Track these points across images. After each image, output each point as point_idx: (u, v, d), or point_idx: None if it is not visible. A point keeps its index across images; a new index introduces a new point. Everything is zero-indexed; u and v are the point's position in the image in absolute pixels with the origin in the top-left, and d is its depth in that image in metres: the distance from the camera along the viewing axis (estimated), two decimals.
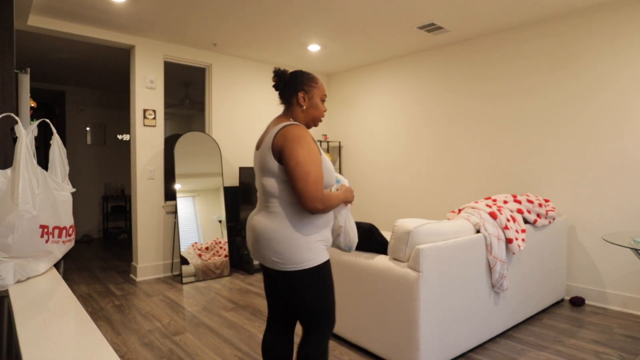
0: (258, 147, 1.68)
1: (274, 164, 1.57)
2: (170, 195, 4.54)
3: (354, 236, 1.78)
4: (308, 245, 1.56)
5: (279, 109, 5.38)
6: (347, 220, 1.76)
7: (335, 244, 1.79)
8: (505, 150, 4.00)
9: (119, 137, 7.16)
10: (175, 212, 4.47)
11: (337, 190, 1.67)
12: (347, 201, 1.70)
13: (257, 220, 1.63)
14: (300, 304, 1.60)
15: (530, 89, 3.81)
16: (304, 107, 1.69)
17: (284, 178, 1.57)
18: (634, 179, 3.24)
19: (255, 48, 4.63)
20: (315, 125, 1.75)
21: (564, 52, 3.58)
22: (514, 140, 3.94)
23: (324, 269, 1.61)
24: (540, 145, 3.75)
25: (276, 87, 1.72)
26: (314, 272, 1.57)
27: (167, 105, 6.93)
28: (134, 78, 4.28)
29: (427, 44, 4.47)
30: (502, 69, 4.00)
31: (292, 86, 1.69)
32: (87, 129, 6.81)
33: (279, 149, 1.55)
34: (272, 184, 1.58)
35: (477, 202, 2.93)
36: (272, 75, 1.97)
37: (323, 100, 1.74)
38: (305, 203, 1.49)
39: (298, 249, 1.54)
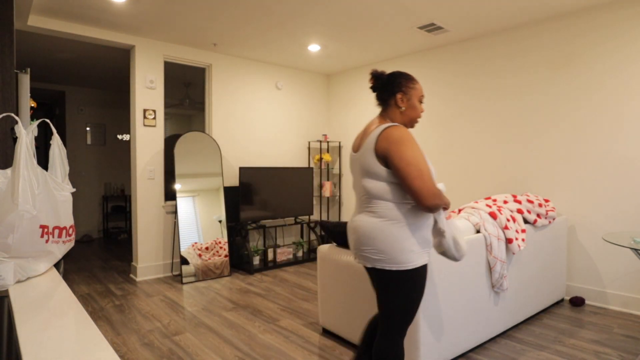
0: (356, 149, 1.71)
1: (378, 167, 1.58)
2: (170, 195, 4.54)
3: (464, 245, 1.75)
4: (411, 247, 1.57)
5: (279, 109, 5.39)
6: (451, 227, 1.73)
7: (445, 252, 1.76)
8: (505, 150, 4.00)
9: (119, 137, 7.16)
10: (175, 212, 4.47)
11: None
12: (446, 204, 1.63)
13: (359, 220, 1.65)
14: (388, 302, 1.62)
15: (530, 88, 3.81)
16: (403, 108, 1.70)
17: (391, 180, 1.58)
18: (634, 179, 3.24)
19: (255, 48, 4.63)
20: (412, 126, 1.75)
21: (563, 51, 3.58)
22: (513, 140, 3.94)
23: (422, 271, 1.62)
24: (540, 144, 3.75)
25: (373, 88, 1.74)
26: (412, 274, 1.59)
27: (167, 105, 6.93)
28: (134, 78, 4.28)
29: (427, 44, 4.47)
30: (502, 69, 4.00)
31: (390, 87, 1.70)
32: (87, 129, 6.81)
33: (383, 153, 1.56)
34: (376, 186, 1.60)
35: (477, 202, 2.93)
36: (271, 75, 1.99)
37: (421, 101, 1.74)
38: (424, 200, 1.50)
39: (402, 250, 1.56)
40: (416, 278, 1.61)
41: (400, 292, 1.60)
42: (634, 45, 3.21)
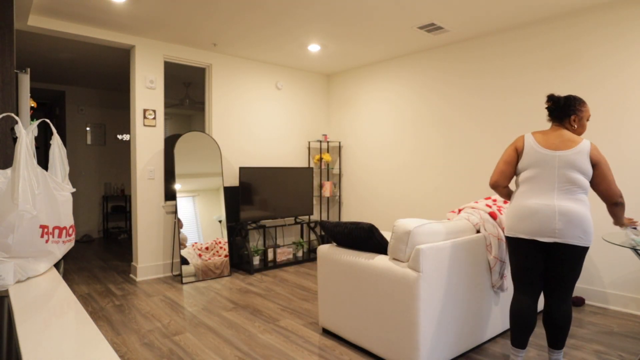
0: (556, 148, 2.11)
1: (589, 168, 2.06)
2: (170, 195, 4.54)
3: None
4: (593, 230, 2.07)
5: (279, 109, 5.39)
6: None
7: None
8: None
9: (119, 137, 7.16)
10: (175, 212, 4.47)
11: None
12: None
13: (568, 205, 2.06)
14: (573, 273, 2.08)
15: (530, 88, 3.81)
16: (575, 126, 2.17)
17: (588, 179, 2.09)
18: (634, 179, 3.24)
19: (255, 48, 4.63)
20: None
21: (563, 51, 3.58)
22: (514, 140, 3.93)
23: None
24: None
25: (550, 110, 2.20)
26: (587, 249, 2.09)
27: (167, 105, 6.94)
28: (134, 78, 4.28)
29: (427, 44, 4.47)
30: (502, 69, 4.00)
31: (566, 110, 2.16)
32: (87, 129, 6.82)
33: (596, 160, 2.07)
34: (582, 180, 2.06)
35: (477, 202, 2.93)
36: (271, 75, 2.29)
37: (588, 120, 2.21)
38: (614, 199, 2.09)
39: (592, 231, 2.05)
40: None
41: (581, 264, 2.11)
42: (634, 46, 3.21)
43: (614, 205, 2.09)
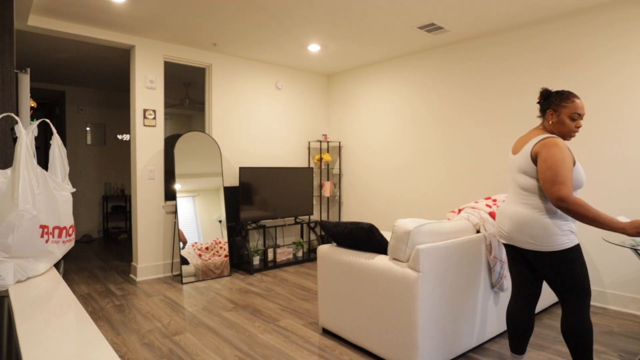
0: (515, 151, 2.06)
1: (531, 167, 1.94)
2: (170, 195, 4.54)
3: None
4: (557, 231, 1.89)
5: (279, 109, 5.39)
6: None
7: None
8: (506, 150, 4.00)
9: (119, 137, 7.16)
10: (175, 212, 4.47)
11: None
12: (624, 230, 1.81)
13: (513, 210, 2.02)
14: (556, 280, 1.93)
15: (530, 88, 3.81)
16: (550, 122, 2.02)
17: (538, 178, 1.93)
18: (633, 178, 3.24)
19: (255, 48, 4.63)
20: (566, 139, 2.02)
21: (563, 50, 3.58)
22: (514, 140, 3.93)
23: (575, 250, 1.91)
24: None
25: (538, 103, 2.09)
26: (566, 253, 1.90)
27: (167, 105, 6.94)
28: (134, 78, 4.28)
29: (427, 44, 4.47)
30: (502, 69, 4.00)
31: (543, 105, 2.06)
32: (87, 129, 6.82)
33: (535, 155, 1.93)
34: (527, 181, 1.97)
35: (477, 202, 2.93)
36: (271, 75, 2.24)
37: (573, 119, 1.97)
38: (551, 200, 1.84)
39: (549, 234, 1.89)
40: (570, 256, 1.93)
41: (561, 269, 1.94)
42: (634, 46, 3.21)
43: (559, 209, 1.84)
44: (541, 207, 1.92)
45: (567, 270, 1.90)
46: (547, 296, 3.26)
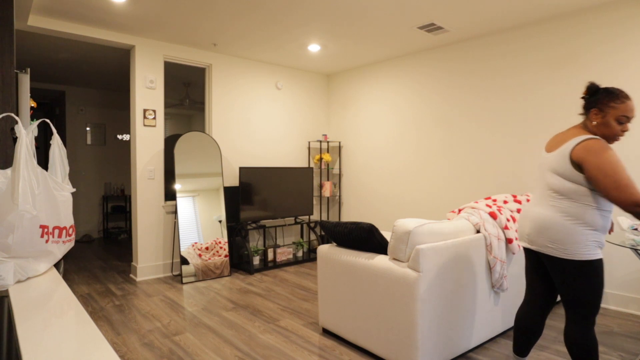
0: (550, 150, 1.91)
1: (568, 169, 1.79)
2: (170, 195, 4.54)
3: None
4: (585, 242, 1.77)
5: (279, 108, 5.39)
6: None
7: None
8: (505, 149, 4.00)
9: (119, 137, 7.16)
10: (175, 212, 4.47)
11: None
12: None
13: (537, 212, 1.90)
14: (568, 290, 1.83)
15: (530, 88, 3.81)
16: (593, 123, 1.83)
17: (581, 183, 1.77)
18: (633, 178, 3.24)
19: (255, 48, 4.63)
20: (609, 142, 1.84)
21: (563, 50, 3.58)
22: (513, 140, 3.94)
23: (595, 265, 1.78)
24: (540, 144, 3.75)
25: (583, 99, 1.91)
26: (585, 265, 1.77)
27: (167, 105, 6.94)
28: (134, 78, 4.28)
29: (427, 44, 4.47)
30: (502, 69, 4.00)
31: (588, 102, 1.86)
32: (87, 129, 6.82)
33: (579, 159, 1.75)
34: (561, 183, 1.82)
35: (477, 202, 2.93)
36: (271, 75, 2.14)
37: (620, 122, 1.79)
38: (621, 207, 1.67)
39: (574, 242, 1.77)
40: (589, 269, 1.80)
41: (576, 280, 1.83)
42: (634, 46, 3.21)
43: (632, 214, 1.69)
44: (570, 211, 1.79)
45: (582, 283, 1.78)
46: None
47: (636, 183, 1.68)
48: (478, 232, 2.65)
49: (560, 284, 1.86)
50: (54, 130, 1.54)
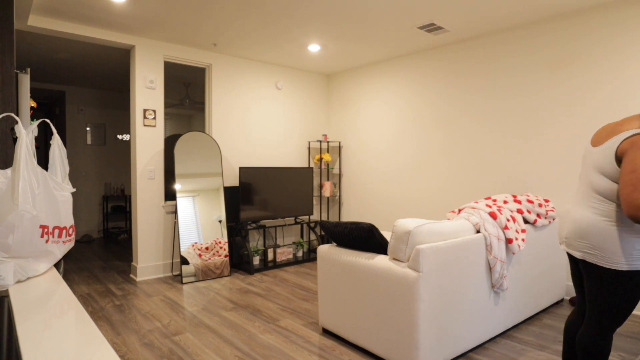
0: (596, 143, 1.69)
1: (613, 167, 1.57)
2: (170, 195, 4.54)
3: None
4: (630, 251, 1.58)
5: (279, 109, 5.39)
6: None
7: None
8: (505, 149, 4.00)
9: (119, 137, 7.16)
10: (175, 212, 4.47)
11: None
12: None
13: (579, 213, 1.71)
14: (597, 299, 1.68)
15: (530, 88, 3.81)
16: None
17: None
18: None
19: (255, 48, 4.63)
20: None
21: (564, 51, 3.58)
22: (513, 140, 3.94)
23: (637, 276, 1.61)
24: (540, 144, 3.75)
25: None
26: (625, 276, 1.60)
27: (167, 105, 6.94)
28: (134, 78, 4.28)
29: (427, 44, 4.47)
30: (502, 69, 4.00)
31: None
32: (87, 129, 6.82)
33: (621, 154, 1.54)
34: (605, 184, 1.61)
35: (477, 202, 2.93)
36: (271, 75, 2.01)
37: None
38: (625, 209, 1.48)
39: (618, 250, 1.58)
40: (628, 280, 1.63)
41: (610, 291, 1.66)
42: (635, 46, 3.21)
43: (632, 219, 1.48)
44: (614, 216, 1.59)
45: (619, 295, 1.62)
46: (547, 296, 3.26)
47: None
48: (478, 232, 2.65)
49: (594, 292, 1.70)
50: (54, 130, 1.54)
